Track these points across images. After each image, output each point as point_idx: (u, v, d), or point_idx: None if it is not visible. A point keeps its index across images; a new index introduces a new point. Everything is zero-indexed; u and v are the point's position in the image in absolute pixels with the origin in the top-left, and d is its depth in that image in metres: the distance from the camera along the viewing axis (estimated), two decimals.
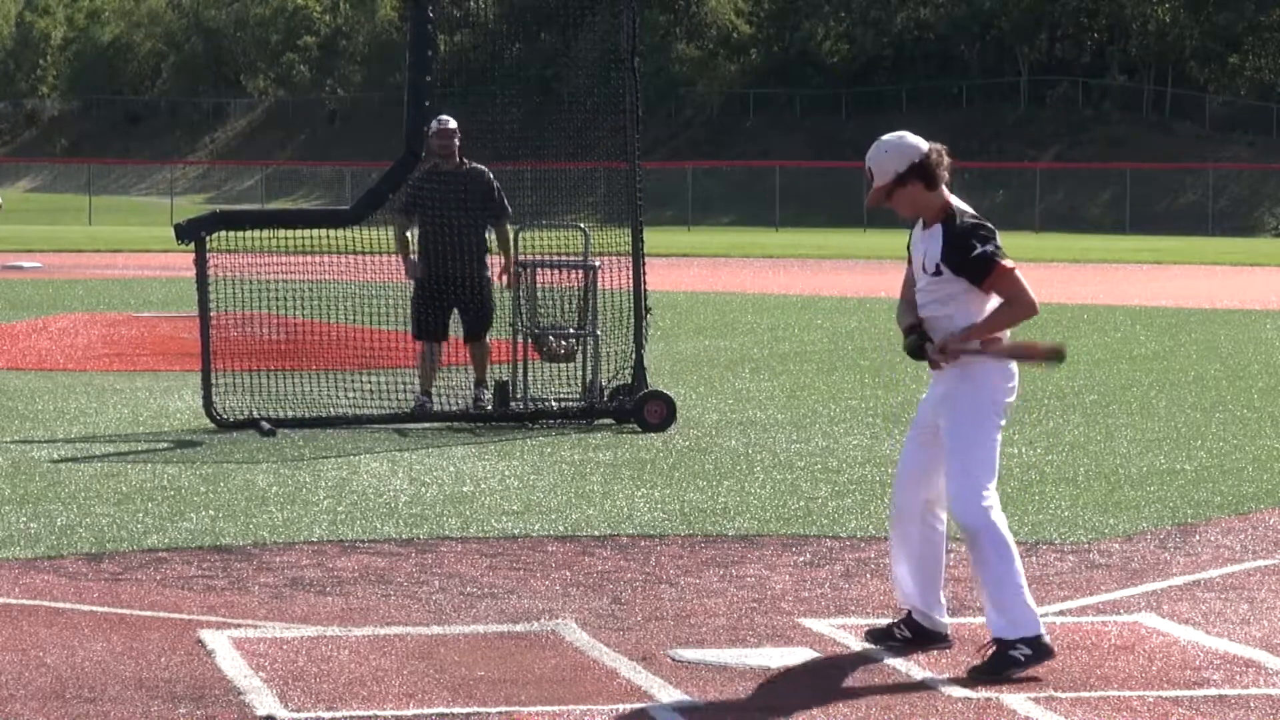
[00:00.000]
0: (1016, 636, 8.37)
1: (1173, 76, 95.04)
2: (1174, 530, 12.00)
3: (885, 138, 8.69)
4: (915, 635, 8.88)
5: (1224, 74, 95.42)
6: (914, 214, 8.67)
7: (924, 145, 8.63)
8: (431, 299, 17.25)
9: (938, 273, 8.55)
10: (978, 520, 8.47)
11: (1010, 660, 8.35)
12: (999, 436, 8.66)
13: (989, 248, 8.51)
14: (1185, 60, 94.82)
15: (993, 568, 8.47)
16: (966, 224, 8.56)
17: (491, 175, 17.37)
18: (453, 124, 17.23)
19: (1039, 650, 8.39)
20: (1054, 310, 31.46)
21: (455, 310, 17.39)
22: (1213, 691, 8.21)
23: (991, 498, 8.54)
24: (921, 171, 8.59)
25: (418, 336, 17.41)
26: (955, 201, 8.67)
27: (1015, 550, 8.54)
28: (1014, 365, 8.70)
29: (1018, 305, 8.55)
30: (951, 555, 11.00)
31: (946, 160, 8.67)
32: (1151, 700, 8.06)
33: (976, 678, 8.32)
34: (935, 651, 8.83)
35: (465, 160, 17.36)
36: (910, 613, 8.91)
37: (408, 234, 17.45)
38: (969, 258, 8.49)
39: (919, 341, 8.65)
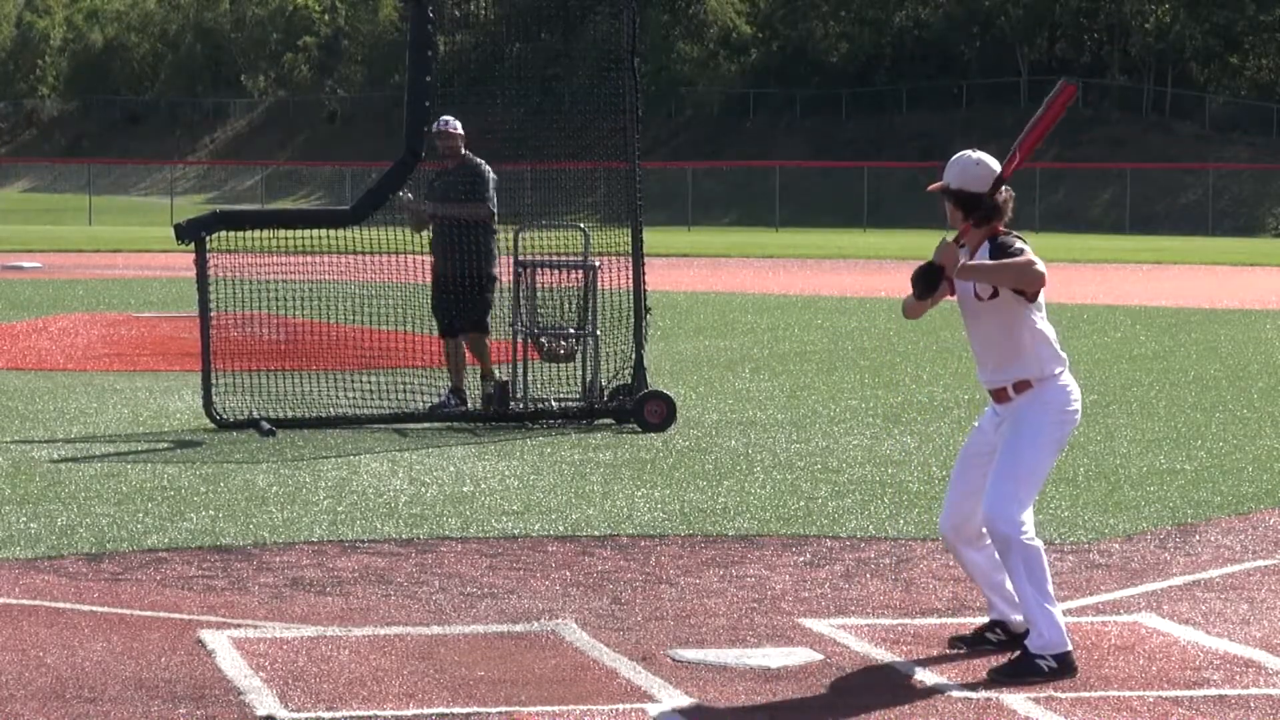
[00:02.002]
0: (1044, 652, 8.38)
1: (1173, 76, 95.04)
2: (1174, 530, 12.01)
3: (973, 155, 8.71)
4: (1009, 637, 8.84)
5: (1224, 74, 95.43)
6: (954, 225, 8.66)
7: (989, 185, 8.61)
8: (441, 295, 17.26)
9: (994, 294, 8.53)
10: (1010, 530, 8.43)
11: (1035, 668, 8.35)
12: (1053, 457, 8.62)
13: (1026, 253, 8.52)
14: (1185, 60, 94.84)
15: (1022, 581, 8.47)
16: (1011, 239, 8.57)
17: (485, 167, 17.29)
18: (453, 125, 17.20)
19: (1064, 666, 8.39)
20: (1054, 310, 31.41)
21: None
22: (1213, 691, 8.21)
23: (1028, 515, 8.50)
24: (964, 200, 8.59)
25: (442, 334, 17.44)
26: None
27: (1046, 567, 8.50)
28: (1076, 390, 8.65)
29: (1028, 270, 8.46)
30: (950, 556, 11.02)
31: (1009, 209, 8.66)
32: (1151, 700, 8.07)
33: (995, 678, 8.31)
34: (936, 652, 8.83)
35: (469, 155, 17.36)
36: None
37: (422, 233, 17.47)
38: (1008, 252, 8.49)
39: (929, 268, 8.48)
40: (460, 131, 17.26)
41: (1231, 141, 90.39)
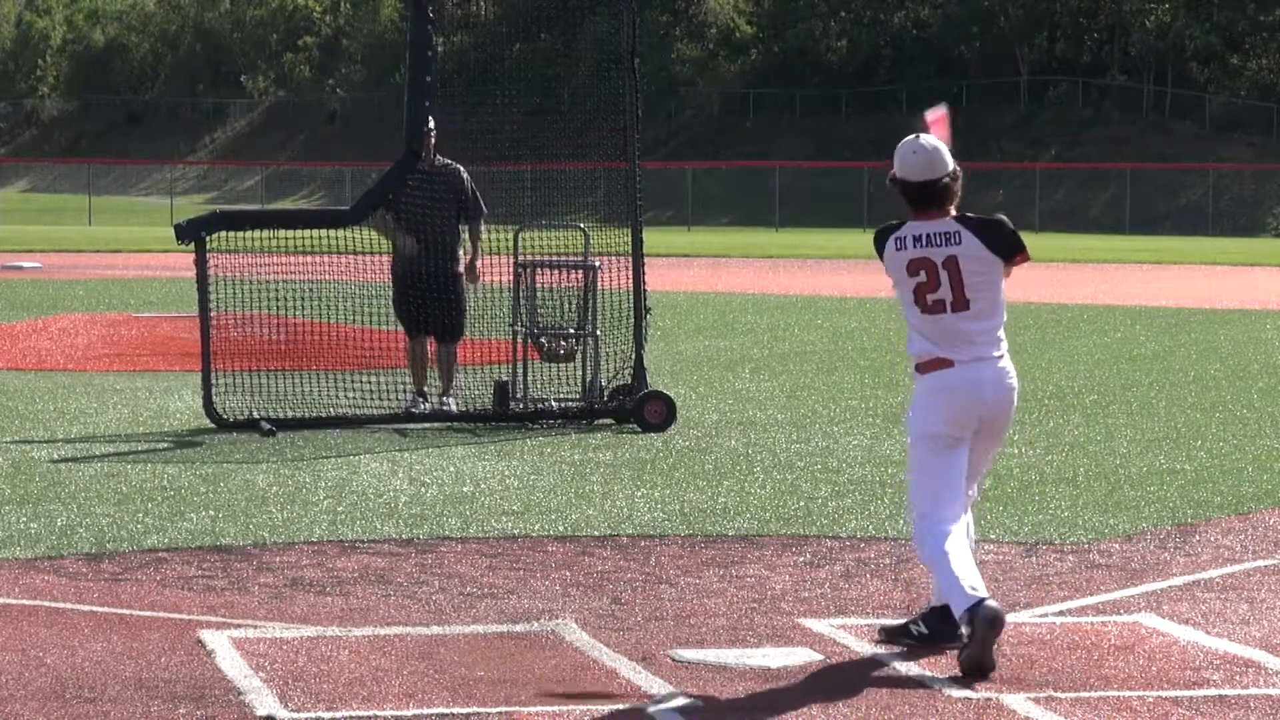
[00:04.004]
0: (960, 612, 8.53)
1: (1173, 76, 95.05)
2: (1174, 530, 12.01)
3: (920, 140, 8.72)
4: (932, 633, 8.87)
5: (1224, 74, 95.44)
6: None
7: (923, 173, 8.67)
8: (408, 296, 17.20)
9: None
10: (916, 543, 8.76)
11: (906, 632, 8.85)
12: (933, 463, 8.66)
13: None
14: (1185, 60, 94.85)
15: (939, 576, 8.70)
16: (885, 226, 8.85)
17: (465, 173, 17.26)
18: (429, 123, 17.08)
19: (978, 616, 8.38)
20: (1054, 310, 31.49)
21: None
22: (1212, 692, 8.21)
23: (927, 521, 8.63)
24: (900, 187, 8.75)
25: (409, 335, 17.37)
26: (928, 217, 8.73)
27: (947, 550, 8.56)
28: (945, 397, 8.67)
29: None
30: None
31: (956, 191, 8.73)
32: (1151, 700, 8.07)
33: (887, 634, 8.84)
34: (936, 652, 8.82)
35: (439, 158, 17.27)
36: (932, 608, 8.92)
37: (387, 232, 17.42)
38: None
39: None
40: (432, 128, 17.09)
41: (1232, 141, 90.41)
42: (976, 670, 8.30)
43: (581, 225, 17.50)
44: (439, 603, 9.80)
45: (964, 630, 8.37)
